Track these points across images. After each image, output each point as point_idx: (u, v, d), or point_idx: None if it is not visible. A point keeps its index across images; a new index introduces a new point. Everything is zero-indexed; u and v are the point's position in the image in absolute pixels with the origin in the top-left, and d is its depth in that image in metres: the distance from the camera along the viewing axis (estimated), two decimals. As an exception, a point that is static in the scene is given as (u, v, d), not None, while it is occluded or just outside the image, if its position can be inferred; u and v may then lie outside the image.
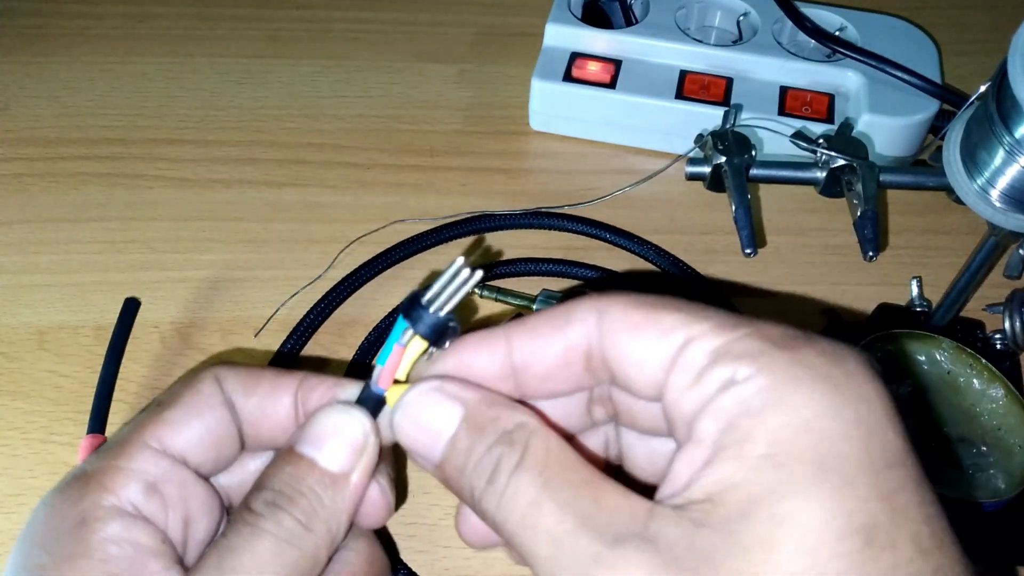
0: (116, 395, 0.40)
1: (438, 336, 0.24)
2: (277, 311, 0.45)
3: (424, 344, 0.24)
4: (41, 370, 0.42)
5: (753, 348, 0.19)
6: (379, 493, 0.26)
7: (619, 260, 0.48)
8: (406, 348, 0.24)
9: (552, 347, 0.22)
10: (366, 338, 0.43)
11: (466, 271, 0.23)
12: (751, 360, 0.19)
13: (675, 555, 0.18)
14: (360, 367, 0.43)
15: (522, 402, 0.23)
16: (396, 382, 0.25)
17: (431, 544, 0.38)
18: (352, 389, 0.26)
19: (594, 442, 0.26)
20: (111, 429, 0.39)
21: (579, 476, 0.20)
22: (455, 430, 0.22)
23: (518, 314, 0.45)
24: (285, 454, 0.25)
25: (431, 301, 0.24)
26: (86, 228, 0.49)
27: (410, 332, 0.24)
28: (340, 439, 0.24)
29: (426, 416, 0.23)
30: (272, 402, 0.27)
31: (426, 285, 0.24)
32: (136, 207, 0.50)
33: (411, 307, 0.24)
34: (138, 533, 0.23)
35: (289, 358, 0.43)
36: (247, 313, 0.45)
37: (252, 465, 0.28)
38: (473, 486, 0.21)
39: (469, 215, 0.49)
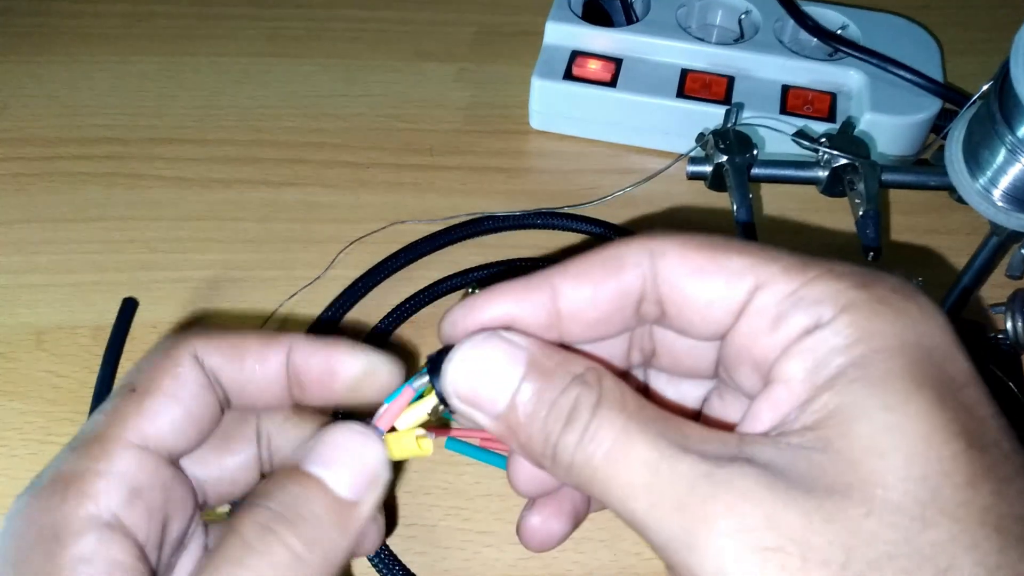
0: (114, 396, 0.40)
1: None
2: (276, 311, 0.45)
3: (435, 401, 0.23)
4: (39, 370, 0.42)
5: (831, 290, 0.19)
6: (375, 526, 0.25)
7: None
8: (415, 399, 0.23)
9: (604, 292, 0.22)
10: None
11: None
12: (831, 303, 0.19)
13: (784, 472, 0.18)
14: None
15: (566, 347, 0.23)
16: (391, 430, 0.24)
17: (431, 545, 0.37)
18: (349, 360, 0.25)
19: None
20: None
21: (657, 413, 0.20)
22: (521, 376, 0.21)
23: (466, 292, 0.45)
24: (290, 472, 0.23)
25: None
26: (85, 228, 0.48)
27: (426, 382, 0.23)
28: (356, 464, 0.23)
29: (487, 364, 0.21)
30: (260, 367, 0.25)
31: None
32: (135, 207, 0.50)
33: (439, 360, 0.22)
34: (115, 549, 0.22)
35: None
36: (247, 313, 0.45)
37: (230, 461, 0.27)
38: (548, 430, 0.20)
39: (473, 216, 0.49)
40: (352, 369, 0.25)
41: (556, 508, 0.25)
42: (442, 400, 0.22)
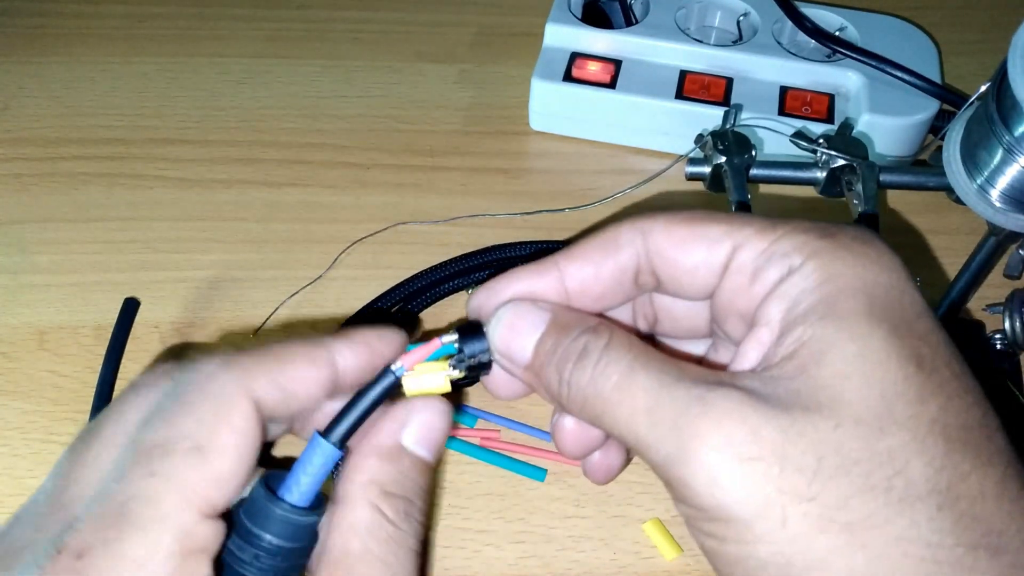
0: (116, 395, 0.40)
1: (472, 361, 0.26)
2: (276, 310, 0.45)
3: (449, 364, 0.26)
4: (41, 370, 0.42)
5: (798, 242, 0.22)
6: None
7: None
8: (438, 349, 0.25)
9: (605, 270, 0.25)
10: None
11: None
12: (799, 252, 0.22)
13: (765, 396, 0.20)
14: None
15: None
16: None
17: (431, 544, 0.38)
18: (382, 346, 0.26)
19: None
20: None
21: (659, 355, 0.23)
22: (544, 330, 0.24)
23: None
24: (403, 454, 0.25)
25: (485, 337, 0.26)
26: (86, 228, 0.49)
27: (454, 340, 0.26)
28: (443, 442, 0.26)
29: (519, 321, 0.25)
30: (308, 384, 0.25)
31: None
32: (136, 207, 0.50)
33: (470, 329, 0.26)
34: None
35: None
36: (247, 313, 0.45)
37: None
38: (562, 369, 0.23)
39: (496, 246, 0.48)
40: (386, 356, 0.26)
41: (610, 443, 0.28)
42: (460, 362, 0.25)
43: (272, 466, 0.25)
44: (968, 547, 0.19)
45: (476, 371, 0.26)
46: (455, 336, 0.26)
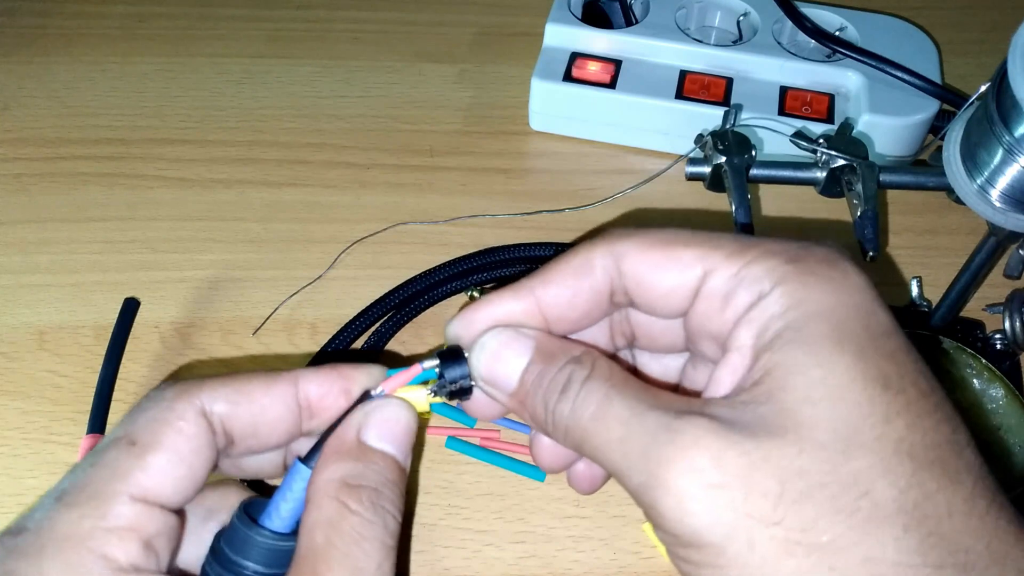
0: (116, 395, 0.40)
1: (453, 387, 0.26)
2: (276, 310, 0.45)
3: (429, 389, 0.26)
4: (41, 370, 0.42)
5: (767, 267, 0.23)
6: None
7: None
8: (419, 375, 0.26)
9: (580, 295, 0.25)
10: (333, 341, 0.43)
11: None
12: (768, 278, 0.22)
13: (732, 422, 0.21)
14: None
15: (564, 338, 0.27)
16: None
17: (431, 544, 0.38)
18: (360, 377, 0.27)
19: None
20: (111, 429, 0.39)
21: (637, 383, 0.23)
22: (530, 358, 0.25)
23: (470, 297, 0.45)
24: (366, 450, 0.25)
25: (466, 362, 0.26)
26: (86, 228, 0.49)
27: (435, 366, 0.26)
28: (408, 436, 0.26)
29: (504, 350, 0.25)
30: (268, 410, 0.26)
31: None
32: (136, 207, 0.50)
33: (451, 355, 0.26)
34: None
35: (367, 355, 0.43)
36: (247, 313, 0.45)
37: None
38: (547, 399, 0.24)
39: (498, 246, 0.49)
40: (365, 384, 0.27)
41: None
42: (441, 387, 0.26)
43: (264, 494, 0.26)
44: (935, 566, 0.19)
45: (456, 396, 0.26)
46: (436, 362, 0.26)
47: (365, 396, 0.26)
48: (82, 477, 0.23)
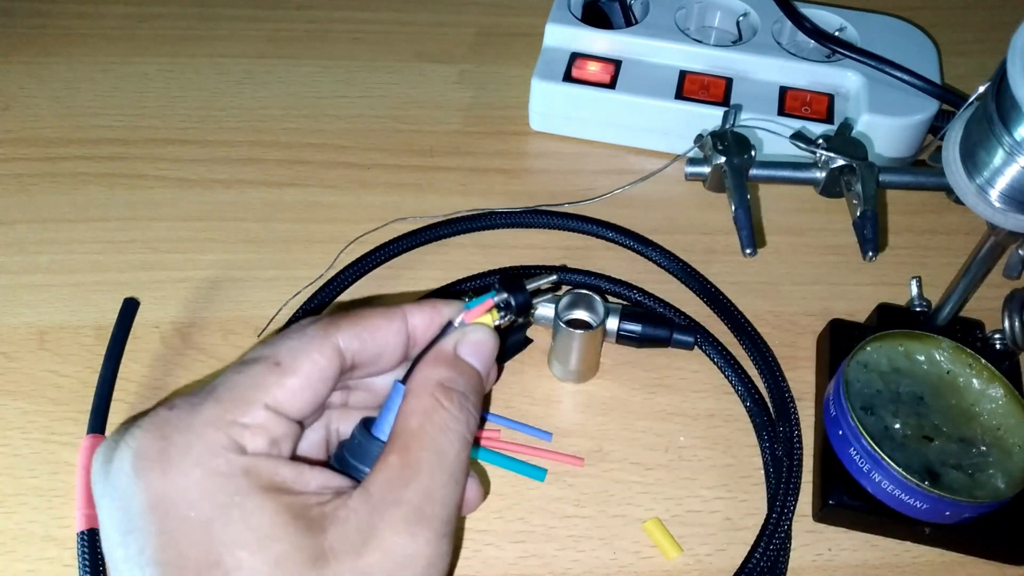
0: (116, 395, 0.40)
1: (520, 307, 0.31)
2: (280, 311, 0.45)
3: (496, 314, 0.31)
4: (41, 370, 0.42)
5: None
6: (476, 484, 0.30)
7: (621, 260, 0.48)
8: (492, 304, 0.31)
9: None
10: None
11: (553, 277, 0.33)
12: None
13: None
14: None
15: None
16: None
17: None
18: (446, 309, 0.31)
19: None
20: (111, 429, 0.39)
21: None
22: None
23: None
24: (459, 360, 0.29)
25: (526, 284, 0.31)
26: (86, 228, 0.49)
27: (504, 296, 0.31)
28: (491, 357, 0.30)
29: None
30: (389, 343, 0.30)
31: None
32: (137, 207, 0.50)
33: (512, 280, 0.31)
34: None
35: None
36: (247, 313, 0.45)
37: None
38: None
39: (472, 212, 0.49)
40: (452, 314, 0.31)
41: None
42: (505, 307, 0.31)
43: None
44: None
45: (521, 314, 0.31)
46: (504, 294, 0.31)
47: (448, 326, 0.30)
48: (232, 381, 0.27)
